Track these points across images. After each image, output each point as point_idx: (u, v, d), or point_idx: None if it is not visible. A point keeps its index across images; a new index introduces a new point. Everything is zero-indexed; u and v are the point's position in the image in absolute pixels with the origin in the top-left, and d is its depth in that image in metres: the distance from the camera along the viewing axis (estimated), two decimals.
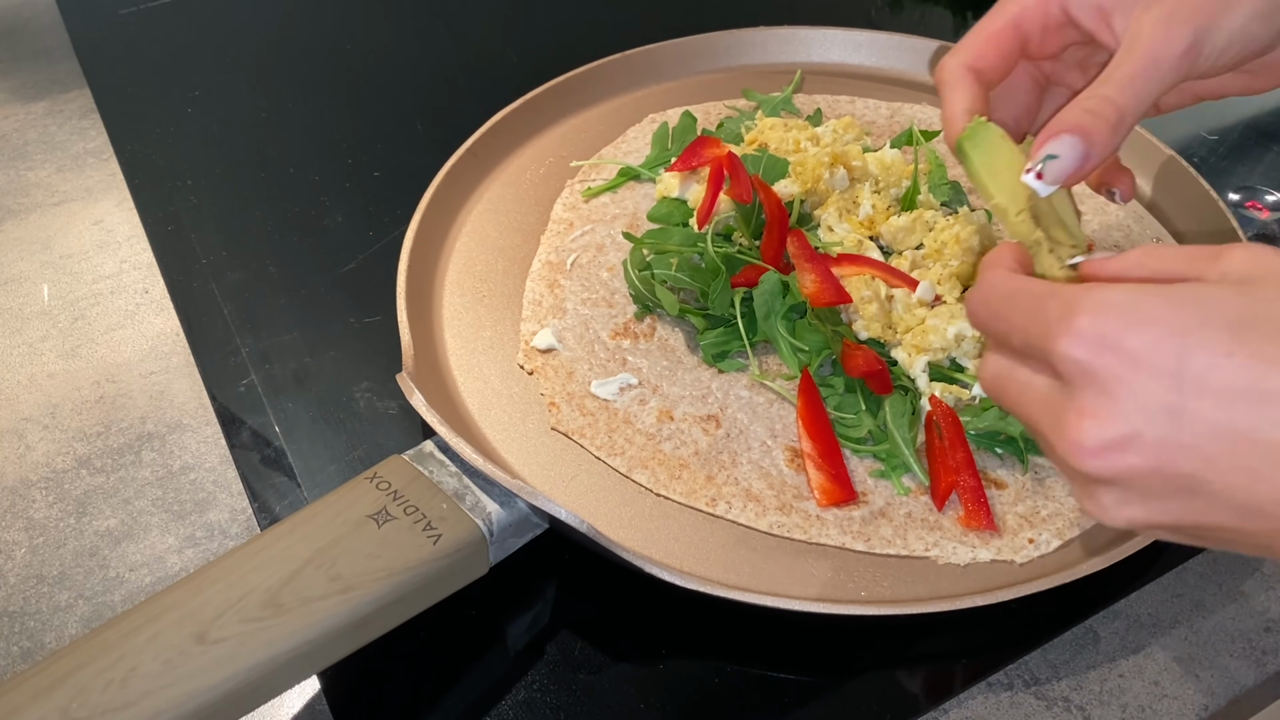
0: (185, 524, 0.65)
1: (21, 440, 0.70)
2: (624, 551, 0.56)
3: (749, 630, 0.58)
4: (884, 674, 0.57)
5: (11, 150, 0.93)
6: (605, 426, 0.66)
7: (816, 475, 0.63)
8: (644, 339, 0.72)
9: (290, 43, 1.03)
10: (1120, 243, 0.78)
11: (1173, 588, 0.61)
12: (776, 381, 0.68)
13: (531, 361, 0.70)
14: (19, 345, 0.76)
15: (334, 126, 0.92)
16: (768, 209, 0.71)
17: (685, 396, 0.68)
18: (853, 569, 0.59)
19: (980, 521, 0.60)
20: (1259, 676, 0.57)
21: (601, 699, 0.55)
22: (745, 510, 0.62)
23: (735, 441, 0.66)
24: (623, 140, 0.87)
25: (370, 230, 0.82)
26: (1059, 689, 0.57)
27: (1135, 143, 0.83)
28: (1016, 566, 0.59)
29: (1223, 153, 0.89)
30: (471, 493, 0.56)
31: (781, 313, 0.69)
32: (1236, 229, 0.74)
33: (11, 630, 0.60)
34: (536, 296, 0.75)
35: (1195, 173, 0.79)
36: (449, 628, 0.58)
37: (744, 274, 0.70)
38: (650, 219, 0.79)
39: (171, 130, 0.92)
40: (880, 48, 0.94)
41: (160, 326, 0.77)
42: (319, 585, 0.50)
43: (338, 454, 0.67)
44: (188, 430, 0.71)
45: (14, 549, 0.64)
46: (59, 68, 1.02)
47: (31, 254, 0.84)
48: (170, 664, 0.47)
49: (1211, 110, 0.93)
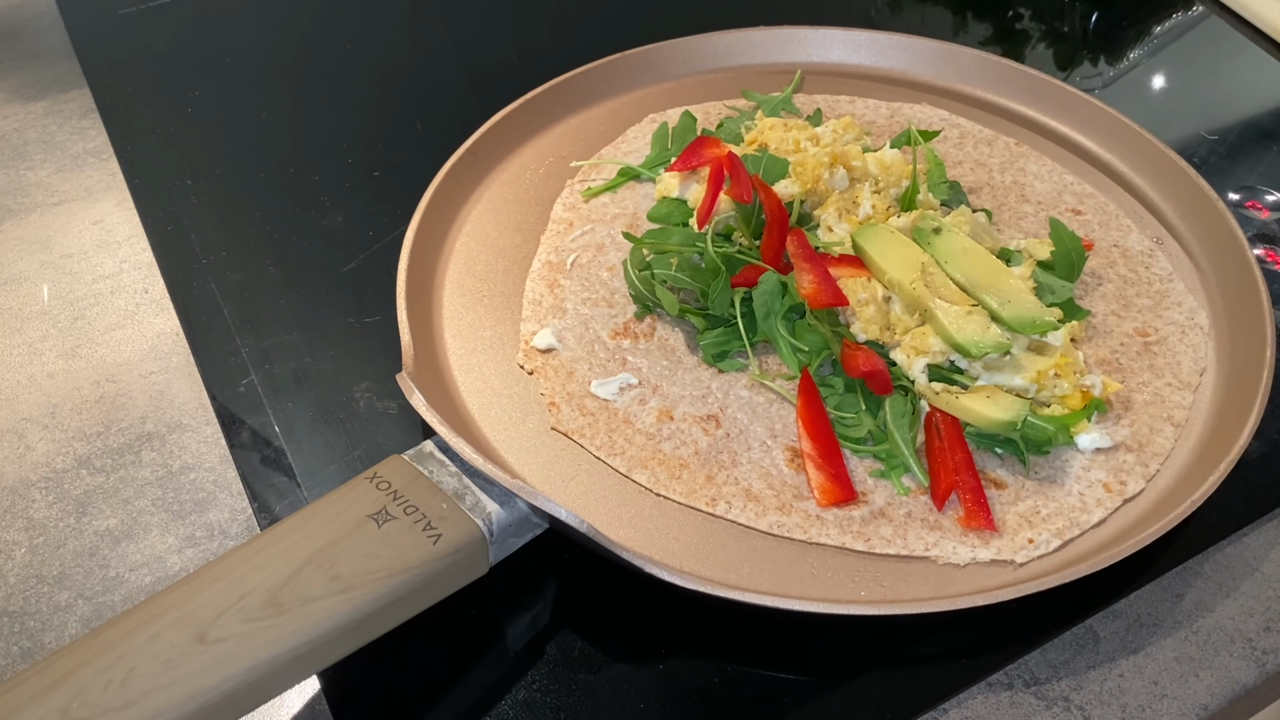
0: (185, 524, 0.65)
1: (21, 440, 0.70)
2: (624, 551, 0.56)
3: (749, 630, 0.58)
4: (884, 674, 0.57)
5: (11, 150, 0.93)
6: (605, 426, 0.66)
7: (816, 475, 0.63)
8: (644, 339, 0.72)
9: (290, 43, 1.03)
10: (1120, 241, 0.78)
11: (1173, 588, 0.61)
12: (776, 381, 0.68)
13: (531, 361, 0.70)
14: (19, 345, 0.76)
15: (334, 126, 0.92)
16: (768, 209, 0.71)
17: (685, 396, 0.68)
18: (853, 569, 0.59)
19: (980, 522, 0.60)
20: (1259, 676, 0.57)
21: (601, 699, 0.55)
22: (745, 510, 0.62)
23: (735, 441, 0.66)
24: (623, 140, 0.87)
25: (370, 230, 0.82)
26: (1059, 689, 0.57)
27: (1135, 142, 0.83)
28: (1016, 566, 0.59)
29: (1223, 153, 0.89)
30: (471, 493, 0.56)
31: (781, 313, 0.69)
32: (1236, 229, 0.74)
33: (11, 630, 0.60)
34: (536, 296, 0.75)
35: (1195, 173, 0.79)
36: (449, 628, 0.58)
37: (744, 274, 0.70)
38: (650, 219, 0.79)
39: (171, 130, 0.92)
40: (880, 48, 0.94)
41: (160, 326, 0.77)
42: (319, 585, 0.50)
43: (338, 454, 0.67)
44: (188, 430, 0.70)
45: (14, 549, 0.64)
46: (59, 68, 1.02)
47: (31, 254, 0.84)
48: (170, 664, 0.47)
49: (1212, 110, 0.93)
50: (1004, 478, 0.64)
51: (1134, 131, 0.83)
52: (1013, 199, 0.82)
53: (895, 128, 0.88)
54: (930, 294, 0.65)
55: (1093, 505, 0.62)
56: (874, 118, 0.89)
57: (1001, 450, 0.65)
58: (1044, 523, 0.61)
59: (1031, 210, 0.81)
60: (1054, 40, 1.04)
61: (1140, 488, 0.63)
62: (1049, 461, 0.64)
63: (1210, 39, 1.03)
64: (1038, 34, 1.05)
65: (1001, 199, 0.82)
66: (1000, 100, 0.90)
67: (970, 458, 0.63)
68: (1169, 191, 0.81)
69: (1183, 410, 0.67)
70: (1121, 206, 0.81)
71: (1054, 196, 0.82)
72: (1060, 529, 0.61)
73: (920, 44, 0.93)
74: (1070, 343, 0.66)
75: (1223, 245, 0.75)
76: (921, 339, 0.65)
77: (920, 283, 0.65)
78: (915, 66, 0.93)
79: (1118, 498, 0.63)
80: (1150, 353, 0.70)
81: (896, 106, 0.90)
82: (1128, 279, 0.75)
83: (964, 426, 0.64)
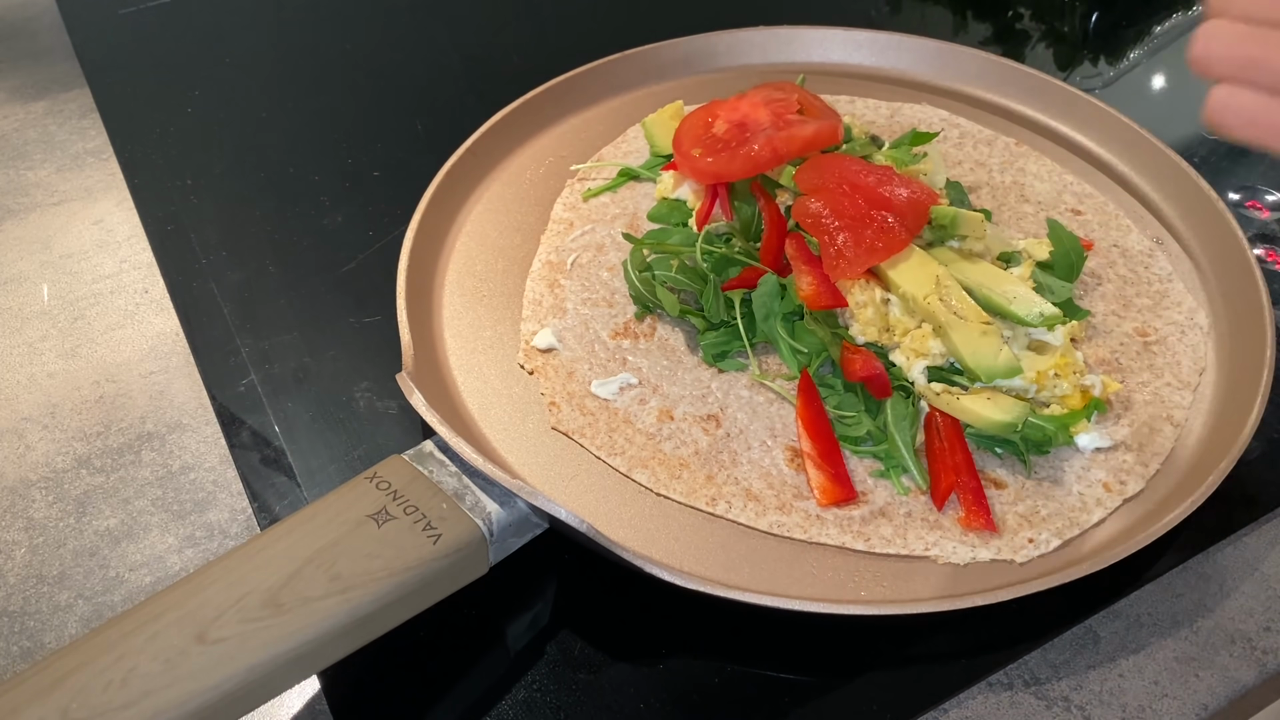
0: (185, 524, 0.65)
1: (21, 440, 0.70)
2: (624, 551, 0.56)
3: (749, 630, 0.58)
4: (884, 674, 0.56)
5: (11, 150, 0.93)
6: (605, 426, 0.66)
7: (816, 475, 0.63)
8: (644, 339, 0.72)
9: (290, 43, 1.03)
10: (1120, 241, 0.78)
11: (1173, 588, 0.61)
12: (776, 381, 0.68)
13: (532, 361, 0.70)
14: (19, 345, 0.76)
15: (334, 126, 0.92)
16: (766, 216, 0.71)
17: (685, 396, 0.68)
18: (853, 568, 0.59)
19: (980, 522, 0.60)
20: (1259, 676, 0.57)
21: (601, 699, 0.55)
22: (745, 510, 0.62)
23: (735, 441, 0.66)
24: (622, 140, 0.87)
25: (370, 230, 0.82)
26: (1059, 689, 0.57)
27: (1135, 142, 0.83)
28: (1016, 566, 0.59)
29: (1223, 153, 0.89)
30: (471, 493, 0.56)
31: (780, 314, 0.69)
32: (1236, 229, 0.74)
33: (11, 630, 0.60)
34: (537, 296, 0.75)
35: (1195, 173, 0.79)
36: (449, 628, 0.58)
37: (743, 276, 0.70)
38: (650, 219, 0.79)
39: (171, 130, 0.92)
40: (880, 47, 0.94)
41: (160, 326, 0.77)
42: (319, 585, 0.50)
43: (337, 454, 0.67)
44: (188, 430, 0.70)
45: (14, 549, 0.64)
46: (59, 68, 1.02)
47: (31, 254, 0.84)
48: (170, 664, 0.47)
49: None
50: (1004, 478, 0.64)
51: (1134, 131, 0.83)
52: (1013, 199, 0.82)
53: (895, 128, 0.88)
54: (945, 309, 0.64)
55: (1093, 505, 0.62)
56: (874, 118, 0.89)
57: (1001, 450, 0.65)
58: (1044, 522, 0.61)
59: (1031, 210, 0.81)
60: (1054, 40, 1.04)
61: (1140, 487, 0.63)
62: (1049, 461, 0.64)
63: None
64: (1038, 34, 1.05)
65: (1001, 199, 0.82)
66: (1000, 100, 0.90)
67: (970, 458, 0.63)
68: (1169, 191, 0.81)
69: (1182, 410, 0.67)
70: (1121, 206, 0.81)
71: (1054, 196, 0.82)
72: (1060, 529, 0.61)
73: (920, 44, 0.93)
74: (1070, 343, 0.66)
75: (1223, 245, 0.75)
76: (921, 341, 0.65)
77: (935, 297, 0.65)
78: (915, 66, 0.93)
79: (1118, 497, 0.62)
80: (1150, 352, 0.70)
81: (897, 106, 0.90)
82: (1127, 279, 0.75)
83: (964, 427, 0.64)
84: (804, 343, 0.68)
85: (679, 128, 0.77)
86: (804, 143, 0.73)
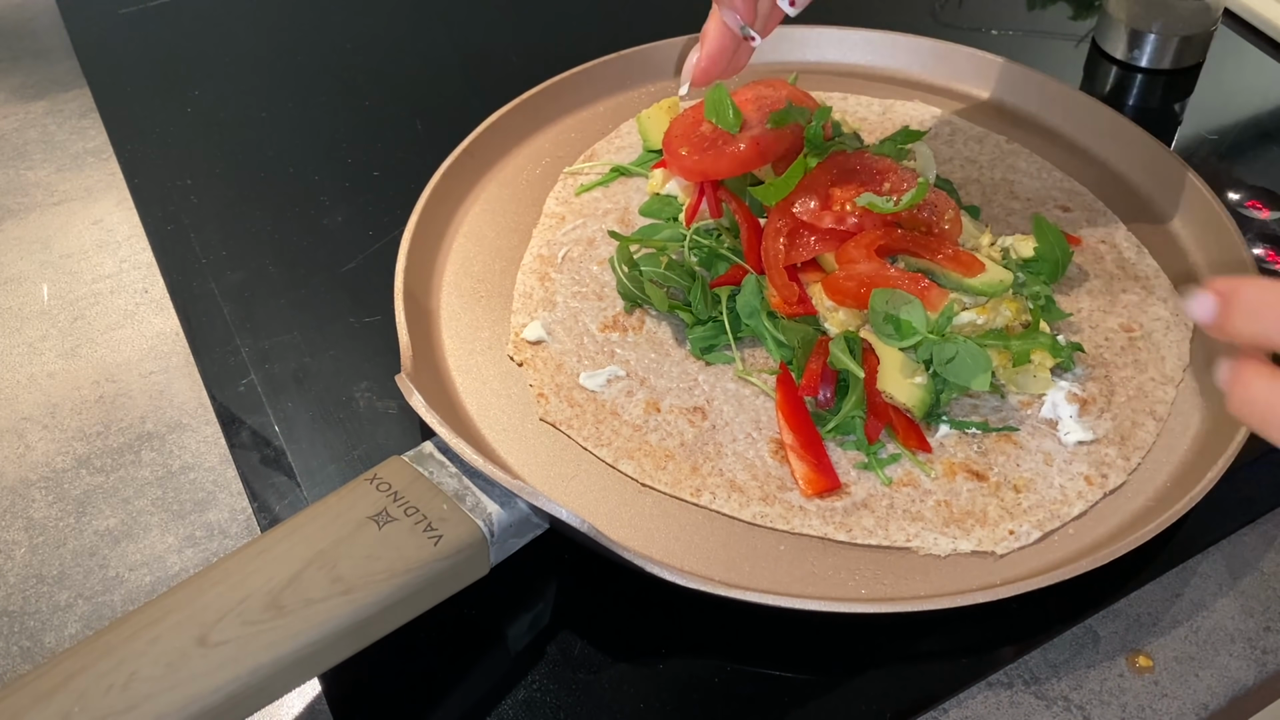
0: (185, 524, 0.65)
1: (21, 440, 0.70)
2: (625, 551, 0.56)
3: (749, 629, 0.58)
4: (884, 673, 0.57)
5: (11, 150, 0.93)
6: (593, 418, 0.67)
7: (800, 465, 0.63)
8: (633, 332, 0.72)
9: (290, 42, 1.03)
10: (1108, 238, 0.78)
11: (1173, 588, 0.61)
12: (760, 376, 0.68)
13: (521, 353, 0.70)
14: (19, 345, 0.76)
15: (334, 126, 0.92)
16: (740, 220, 0.72)
17: (672, 389, 0.68)
18: (853, 567, 0.59)
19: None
20: (1259, 676, 0.57)
21: (601, 699, 0.56)
22: (729, 500, 0.62)
23: (720, 433, 0.66)
24: (616, 135, 0.87)
25: (370, 230, 0.82)
26: (1059, 689, 0.57)
27: (1135, 142, 0.83)
28: (997, 558, 0.60)
29: (1223, 153, 0.89)
30: (472, 493, 0.56)
31: (765, 310, 0.69)
32: (1235, 229, 0.74)
33: (11, 630, 0.60)
34: (527, 289, 0.75)
35: (1195, 173, 0.79)
36: (449, 628, 0.58)
37: (730, 273, 0.71)
38: (641, 214, 0.79)
39: (171, 130, 0.92)
40: (873, 46, 0.94)
41: (160, 326, 0.77)
42: (320, 587, 0.50)
43: (338, 454, 0.67)
44: (188, 430, 0.71)
45: (14, 549, 0.64)
46: (59, 68, 1.02)
47: (31, 254, 0.84)
48: (172, 667, 0.47)
49: (1212, 110, 0.93)
50: (984, 469, 0.64)
51: (1133, 131, 0.83)
52: (1001, 195, 0.82)
53: (887, 125, 0.88)
54: (874, 335, 0.66)
55: (1074, 498, 0.62)
56: (866, 115, 0.89)
57: (979, 432, 0.65)
58: (1025, 514, 0.61)
59: (1020, 206, 0.81)
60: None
61: (1121, 480, 0.63)
62: (1030, 454, 0.64)
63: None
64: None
65: (990, 195, 0.81)
66: (993, 97, 0.90)
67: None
68: (1169, 191, 0.81)
69: (1165, 405, 0.67)
70: (1112, 204, 0.81)
71: (1043, 193, 0.82)
72: (1040, 520, 0.61)
73: (914, 42, 0.93)
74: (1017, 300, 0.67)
75: (1222, 245, 0.75)
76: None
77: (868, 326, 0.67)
78: (908, 65, 0.93)
79: (1099, 490, 0.63)
80: (1134, 348, 0.70)
81: (889, 104, 0.90)
82: (1114, 275, 0.75)
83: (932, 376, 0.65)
84: (789, 337, 0.69)
85: (670, 126, 0.77)
86: (790, 141, 0.73)
